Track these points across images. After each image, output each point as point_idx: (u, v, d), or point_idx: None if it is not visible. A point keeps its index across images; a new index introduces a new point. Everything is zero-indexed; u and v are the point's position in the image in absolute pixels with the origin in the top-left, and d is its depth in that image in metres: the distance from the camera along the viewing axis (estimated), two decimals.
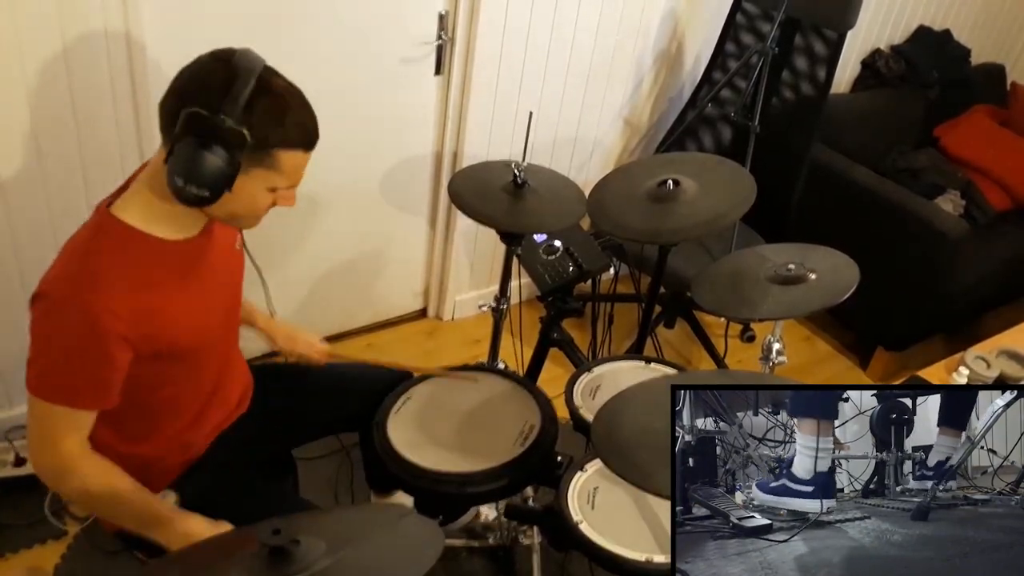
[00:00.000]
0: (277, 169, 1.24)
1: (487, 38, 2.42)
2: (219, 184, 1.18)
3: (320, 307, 2.68)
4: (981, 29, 3.80)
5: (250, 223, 1.34)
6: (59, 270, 1.22)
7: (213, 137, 1.15)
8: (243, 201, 1.25)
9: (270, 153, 1.21)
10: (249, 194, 1.25)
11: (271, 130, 1.20)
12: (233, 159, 1.17)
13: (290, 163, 1.25)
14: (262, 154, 1.20)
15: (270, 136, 1.20)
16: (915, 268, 2.85)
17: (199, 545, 1.24)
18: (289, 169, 1.25)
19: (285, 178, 1.26)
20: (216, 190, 1.18)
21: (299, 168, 1.28)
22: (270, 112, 1.19)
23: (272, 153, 1.22)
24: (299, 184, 1.32)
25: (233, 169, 1.18)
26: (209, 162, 1.16)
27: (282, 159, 1.23)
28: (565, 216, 1.96)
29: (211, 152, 1.16)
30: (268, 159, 1.22)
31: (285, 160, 1.23)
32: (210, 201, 1.20)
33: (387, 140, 2.51)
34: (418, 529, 1.09)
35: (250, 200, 1.26)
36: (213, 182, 1.17)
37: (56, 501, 2.07)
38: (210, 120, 1.15)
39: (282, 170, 1.24)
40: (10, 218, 1.91)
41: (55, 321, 1.19)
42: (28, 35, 1.73)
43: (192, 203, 1.20)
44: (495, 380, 1.76)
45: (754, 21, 2.85)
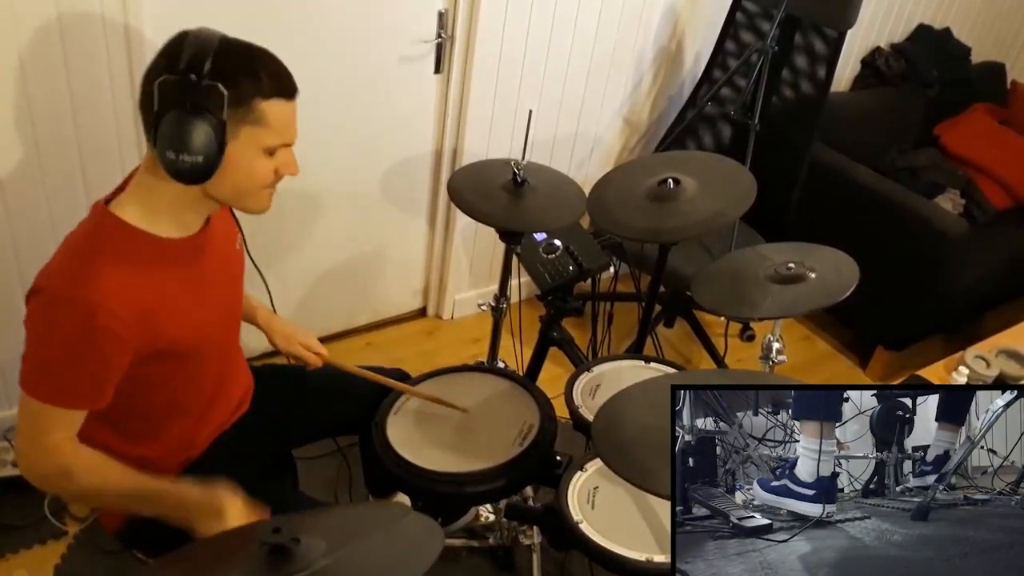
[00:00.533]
0: (264, 124, 1.21)
1: (487, 36, 2.42)
2: (210, 148, 1.16)
3: (319, 306, 2.68)
4: (981, 28, 3.80)
5: (259, 201, 1.31)
6: (57, 266, 1.21)
7: (191, 100, 1.14)
8: (241, 170, 1.23)
9: (251, 107, 1.19)
10: (245, 161, 1.23)
11: (245, 81, 1.17)
12: (216, 118, 1.15)
13: (275, 115, 1.22)
14: (244, 109, 1.18)
15: (245, 87, 1.18)
16: (915, 267, 2.85)
17: (199, 545, 1.24)
18: (276, 121, 1.22)
19: (275, 133, 1.23)
20: (209, 155, 1.16)
21: (286, 120, 1.25)
22: (239, 65, 1.18)
23: (253, 106, 1.19)
24: (294, 142, 1.29)
25: (219, 129, 1.16)
26: (194, 126, 1.14)
27: (265, 111, 1.20)
28: (565, 215, 1.96)
29: (193, 115, 1.14)
30: (251, 114, 1.19)
31: (269, 112, 1.21)
32: (206, 170, 1.18)
33: (386, 138, 2.51)
34: (418, 528, 1.09)
35: (248, 168, 1.24)
36: (203, 147, 1.15)
37: (56, 501, 2.07)
38: (183, 83, 1.14)
39: (269, 124, 1.22)
40: (9, 217, 1.91)
41: (51, 318, 1.19)
42: (27, 33, 1.73)
43: (189, 176, 1.18)
44: (494, 380, 1.75)
45: (754, 19, 2.85)
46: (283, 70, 1.24)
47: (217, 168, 1.19)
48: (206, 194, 1.27)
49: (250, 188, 1.28)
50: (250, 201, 1.31)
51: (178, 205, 1.27)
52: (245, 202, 1.31)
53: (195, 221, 1.33)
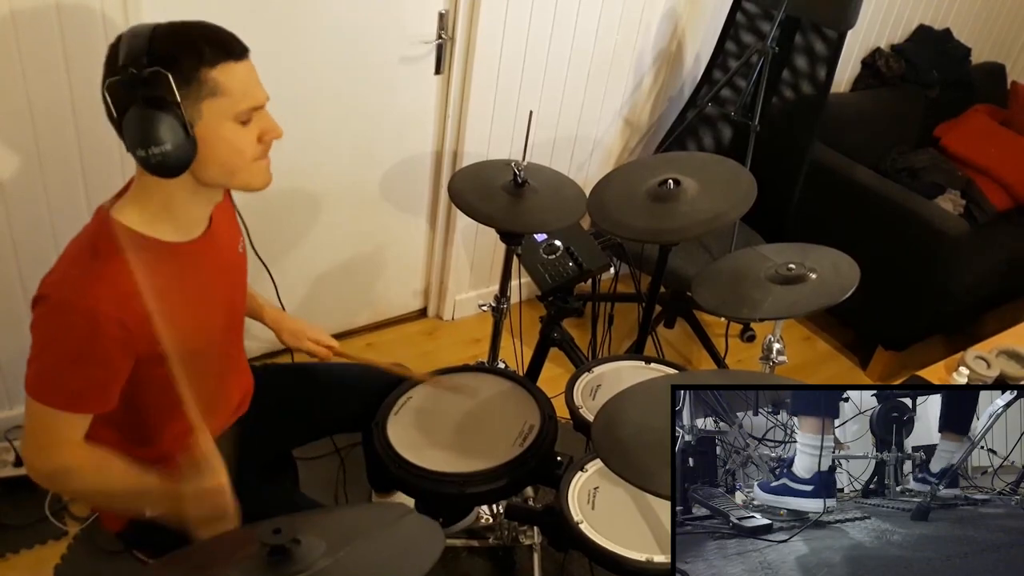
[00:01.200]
0: (222, 92, 1.18)
1: (487, 37, 2.42)
2: (176, 134, 1.15)
3: (320, 306, 2.68)
4: (981, 28, 3.80)
5: (255, 176, 1.29)
6: (61, 273, 1.22)
7: (140, 94, 1.14)
8: (222, 147, 1.21)
9: (201, 80, 1.16)
10: (221, 136, 1.20)
11: (185, 57, 1.15)
12: (170, 102, 1.14)
13: (229, 79, 1.18)
14: (195, 85, 1.16)
15: (187, 63, 1.15)
16: (915, 267, 2.85)
17: (199, 545, 1.24)
18: (233, 86, 1.19)
19: (237, 98, 1.20)
20: (177, 141, 1.15)
21: (245, 82, 1.21)
22: (175, 44, 1.16)
23: (202, 78, 1.16)
24: (264, 103, 1.26)
25: (177, 112, 1.15)
26: (151, 117, 1.13)
27: (217, 79, 1.17)
28: (565, 215, 1.96)
29: (147, 107, 1.13)
30: (205, 87, 1.17)
31: (221, 79, 1.18)
32: (181, 157, 1.16)
33: (387, 139, 2.51)
34: (418, 529, 1.09)
35: (227, 142, 1.22)
36: (169, 134, 1.14)
37: (56, 501, 2.07)
38: (126, 79, 1.14)
39: (227, 90, 1.18)
40: (10, 219, 1.91)
41: (56, 324, 1.19)
42: (27, 33, 1.73)
43: (167, 168, 1.17)
44: (495, 380, 1.76)
45: (754, 20, 2.85)
46: (224, 34, 1.21)
47: (193, 152, 1.18)
48: (200, 182, 1.25)
49: (239, 163, 1.25)
50: (245, 176, 1.28)
51: (176, 203, 1.27)
52: (241, 179, 1.28)
53: (197, 221, 1.33)
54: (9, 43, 1.72)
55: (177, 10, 1.86)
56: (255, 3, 2.04)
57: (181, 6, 1.93)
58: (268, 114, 1.27)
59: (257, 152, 1.27)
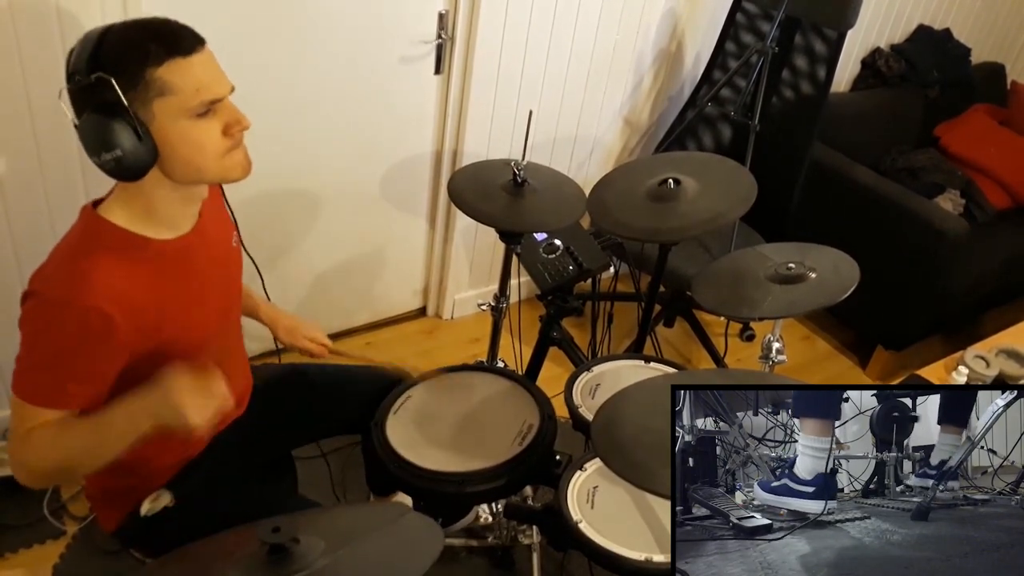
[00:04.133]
0: (170, 91, 1.14)
1: (487, 37, 2.42)
2: (129, 138, 1.13)
3: (319, 306, 2.68)
4: (981, 28, 3.80)
5: (228, 168, 1.25)
6: (51, 270, 1.21)
7: (88, 99, 1.13)
8: (183, 145, 1.19)
9: (146, 79, 1.13)
10: (178, 133, 1.17)
11: (129, 59, 1.13)
12: (117, 105, 1.12)
13: (177, 77, 1.15)
14: (142, 85, 1.13)
15: (131, 65, 1.13)
16: (915, 267, 2.85)
17: (198, 544, 1.24)
18: (182, 83, 1.15)
19: (188, 94, 1.16)
20: (129, 146, 1.13)
21: (195, 77, 1.16)
22: (120, 46, 1.14)
23: (148, 79, 1.13)
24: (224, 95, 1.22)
25: (125, 115, 1.13)
26: (101, 123, 1.12)
27: (164, 77, 1.14)
28: (565, 215, 1.96)
29: (96, 113, 1.13)
30: (152, 87, 1.14)
31: (167, 77, 1.14)
32: (138, 161, 1.15)
33: (387, 139, 2.51)
34: (418, 528, 1.09)
35: (188, 139, 1.19)
36: (121, 138, 1.13)
37: (55, 501, 2.07)
38: (75, 87, 1.13)
39: (175, 89, 1.15)
40: (9, 218, 1.91)
41: (46, 321, 1.18)
42: (26, 33, 1.73)
43: (125, 172, 1.16)
44: (494, 379, 1.75)
45: (754, 20, 2.85)
46: (172, 30, 1.18)
47: (150, 154, 1.16)
48: (174, 180, 1.24)
49: (206, 158, 1.22)
50: (217, 171, 1.25)
51: (158, 202, 1.25)
52: (212, 174, 1.25)
53: (183, 218, 1.32)
54: (9, 43, 1.72)
55: (177, 10, 1.86)
56: (255, 3, 2.04)
57: (181, 5, 1.93)
58: (232, 106, 1.24)
59: (223, 146, 1.23)
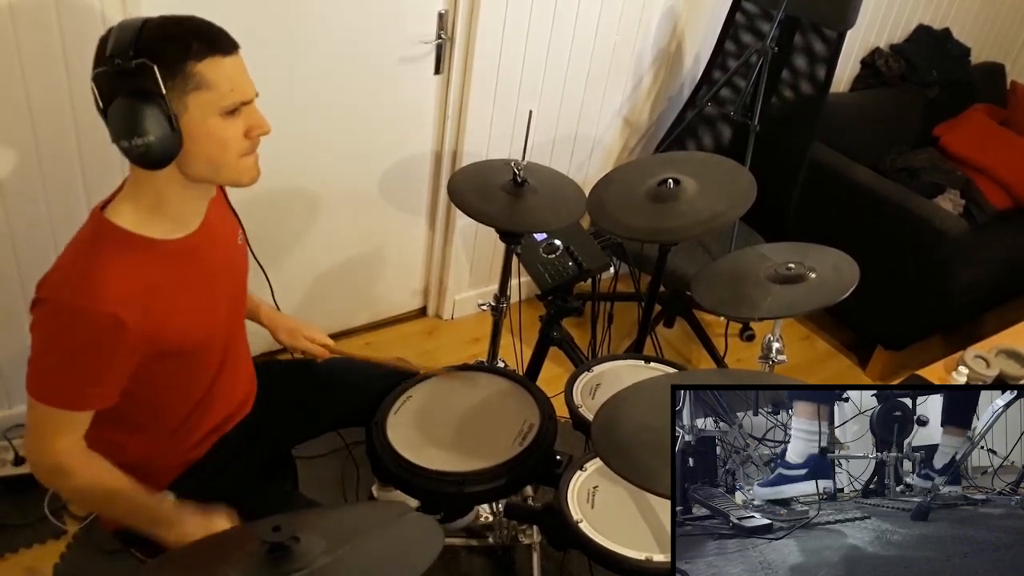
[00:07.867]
0: (207, 86, 1.17)
1: (487, 37, 2.42)
2: (161, 125, 1.14)
3: (319, 306, 2.68)
4: (981, 28, 3.80)
5: (242, 171, 1.28)
6: (61, 276, 1.22)
7: (126, 85, 1.13)
8: (208, 140, 1.21)
9: (187, 73, 1.16)
10: (207, 129, 1.20)
11: (173, 50, 1.15)
12: (155, 94, 1.14)
13: (215, 74, 1.18)
14: (181, 78, 1.15)
15: (174, 56, 1.15)
16: (914, 267, 2.85)
17: (199, 543, 1.24)
18: (219, 81, 1.18)
19: (223, 93, 1.19)
20: (161, 133, 1.15)
21: (231, 77, 1.20)
22: (164, 36, 1.16)
23: (188, 72, 1.16)
24: (252, 99, 1.26)
25: (161, 103, 1.14)
26: (136, 108, 1.13)
27: (204, 73, 1.17)
28: (565, 215, 1.96)
29: (132, 98, 1.13)
30: (190, 80, 1.16)
31: (207, 73, 1.17)
32: (166, 148, 1.16)
33: (386, 139, 2.51)
34: (418, 527, 1.09)
35: (214, 136, 1.21)
36: (153, 125, 1.14)
37: (56, 500, 2.07)
38: (113, 70, 1.14)
39: (213, 85, 1.18)
40: (9, 219, 1.91)
41: (55, 326, 1.19)
42: (26, 32, 1.73)
43: (151, 159, 1.16)
44: (494, 379, 1.76)
45: (754, 20, 2.85)
46: (213, 29, 1.20)
47: (177, 145, 1.18)
48: (188, 177, 1.25)
49: (226, 158, 1.24)
50: (232, 172, 1.27)
51: (168, 199, 1.26)
52: (227, 174, 1.28)
53: (191, 216, 1.32)
54: (9, 42, 1.72)
55: (176, 9, 1.87)
56: (256, 4, 2.04)
57: (181, 5, 1.93)
58: (257, 110, 1.27)
59: (243, 148, 1.26)
